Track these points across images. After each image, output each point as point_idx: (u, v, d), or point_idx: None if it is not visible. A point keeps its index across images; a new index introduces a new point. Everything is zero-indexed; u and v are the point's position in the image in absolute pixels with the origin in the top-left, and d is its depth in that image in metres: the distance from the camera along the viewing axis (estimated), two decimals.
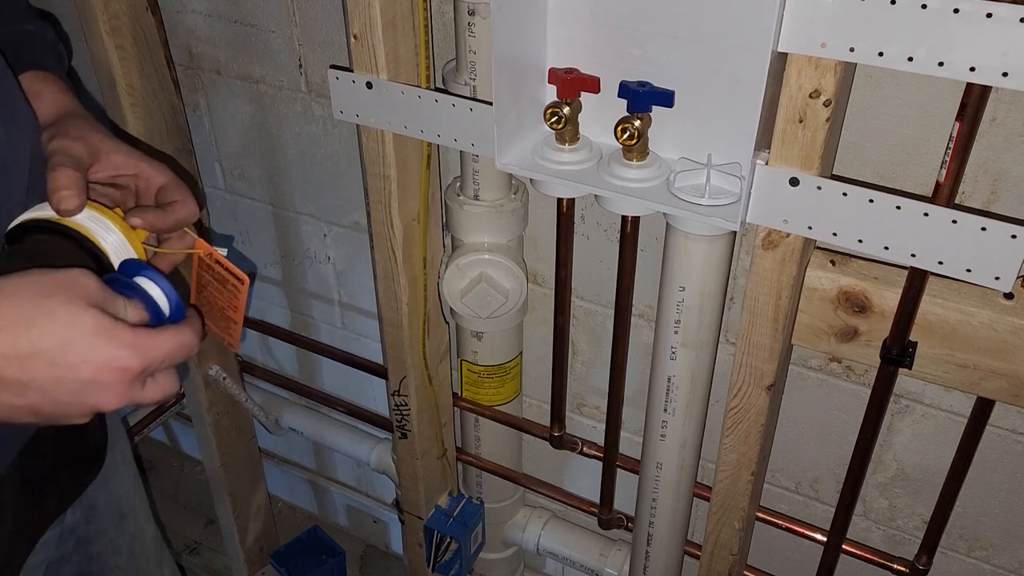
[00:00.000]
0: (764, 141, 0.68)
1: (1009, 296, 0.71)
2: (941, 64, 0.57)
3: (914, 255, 0.66)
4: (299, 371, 1.55)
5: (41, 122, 0.66)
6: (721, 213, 0.70)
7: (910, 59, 0.58)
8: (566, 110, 0.75)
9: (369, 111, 0.85)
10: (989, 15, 0.54)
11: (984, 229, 0.61)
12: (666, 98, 0.72)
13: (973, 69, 0.57)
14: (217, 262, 0.68)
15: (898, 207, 0.64)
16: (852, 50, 0.60)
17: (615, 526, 1.14)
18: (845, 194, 0.66)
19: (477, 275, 1.01)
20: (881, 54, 0.59)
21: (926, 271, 0.69)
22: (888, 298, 0.74)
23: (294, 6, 1.10)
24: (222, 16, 1.16)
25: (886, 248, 0.66)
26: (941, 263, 0.65)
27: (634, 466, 1.04)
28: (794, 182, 0.67)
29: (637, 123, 0.72)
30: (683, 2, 0.68)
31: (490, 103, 0.74)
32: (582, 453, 1.12)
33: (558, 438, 1.11)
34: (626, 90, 0.72)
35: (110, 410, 0.52)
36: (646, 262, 0.98)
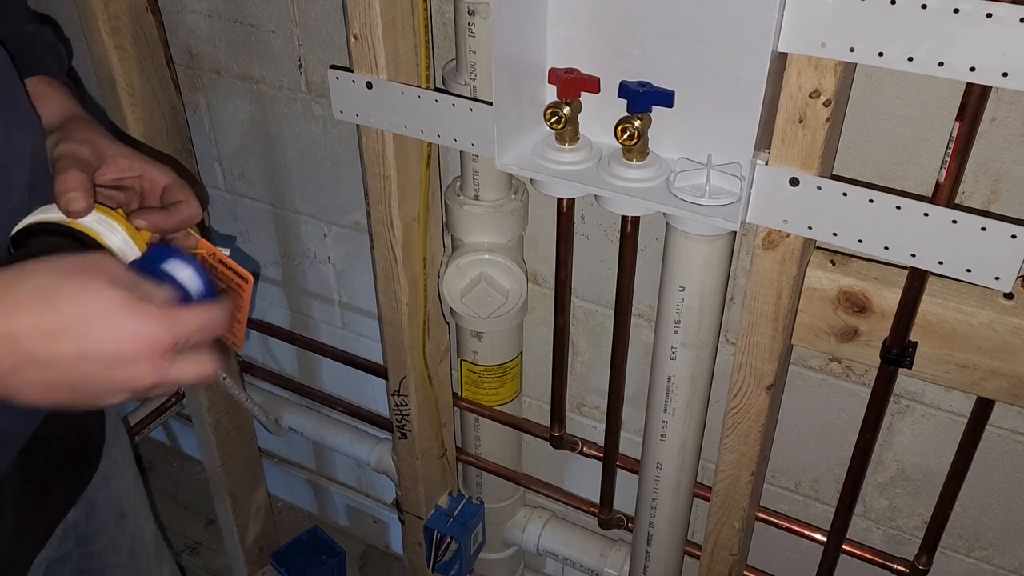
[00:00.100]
0: (764, 141, 0.68)
1: (1009, 296, 0.71)
2: (941, 64, 0.57)
3: (914, 255, 0.66)
4: (299, 371, 1.55)
5: (45, 126, 0.66)
6: (721, 213, 0.70)
7: (910, 59, 0.58)
8: (566, 110, 0.75)
9: (369, 111, 0.85)
10: (989, 15, 0.54)
11: (984, 229, 0.61)
12: (666, 98, 0.72)
13: (973, 69, 0.57)
14: (221, 262, 0.68)
15: (898, 207, 0.64)
16: (852, 50, 0.60)
17: (615, 526, 1.14)
18: (845, 194, 0.66)
19: (477, 275, 1.01)
20: (881, 54, 0.59)
21: (926, 271, 0.69)
22: (888, 298, 0.74)
23: (294, 6, 1.10)
24: (222, 16, 1.16)
25: (886, 248, 0.66)
26: (941, 263, 0.65)
27: (634, 466, 1.04)
28: (794, 182, 0.67)
29: (637, 123, 0.72)
30: (683, 2, 0.68)
31: (490, 103, 0.74)
32: (582, 453, 1.12)
33: (558, 438, 1.11)
34: (626, 90, 0.72)
35: (145, 386, 0.51)
36: (646, 262, 0.98)
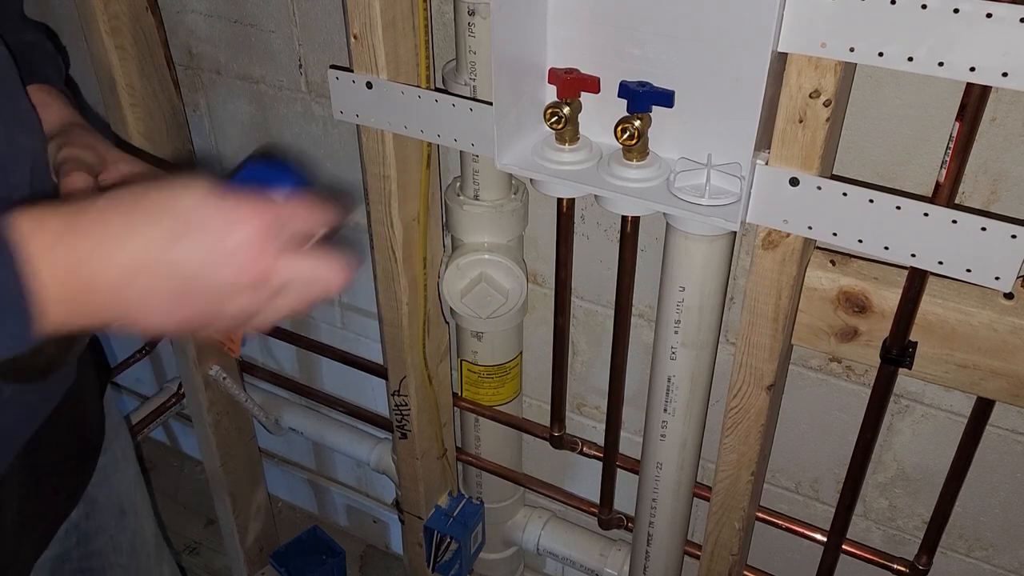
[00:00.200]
0: (764, 141, 0.68)
1: (1009, 296, 0.71)
2: (941, 64, 0.57)
3: (914, 255, 0.66)
4: (299, 371, 1.55)
5: (46, 132, 0.68)
6: (721, 213, 0.70)
7: (910, 59, 0.58)
8: (566, 110, 0.75)
9: (369, 111, 0.85)
10: (989, 15, 0.54)
11: (984, 229, 0.61)
12: (666, 98, 0.72)
13: (973, 69, 0.57)
14: None
15: (898, 207, 0.64)
16: (852, 50, 0.60)
17: (615, 526, 1.14)
18: (845, 194, 0.66)
19: (477, 275, 1.01)
20: (881, 54, 0.59)
21: (926, 271, 0.69)
22: (888, 298, 0.74)
23: (294, 6, 1.10)
24: (222, 16, 1.16)
25: (886, 248, 0.66)
26: (941, 263, 0.65)
27: (634, 466, 1.04)
28: (794, 182, 0.67)
29: (637, 123, 0.72)
30: (683, 2, 0.68)
31: (490, 103, 0.74)
32: (582, 453, 1.12)
33: (558, 438, 1.11)
34: (626, 90, 0.72)
35: (261, 274, 0.48)
36: (646, 262, 0.98)
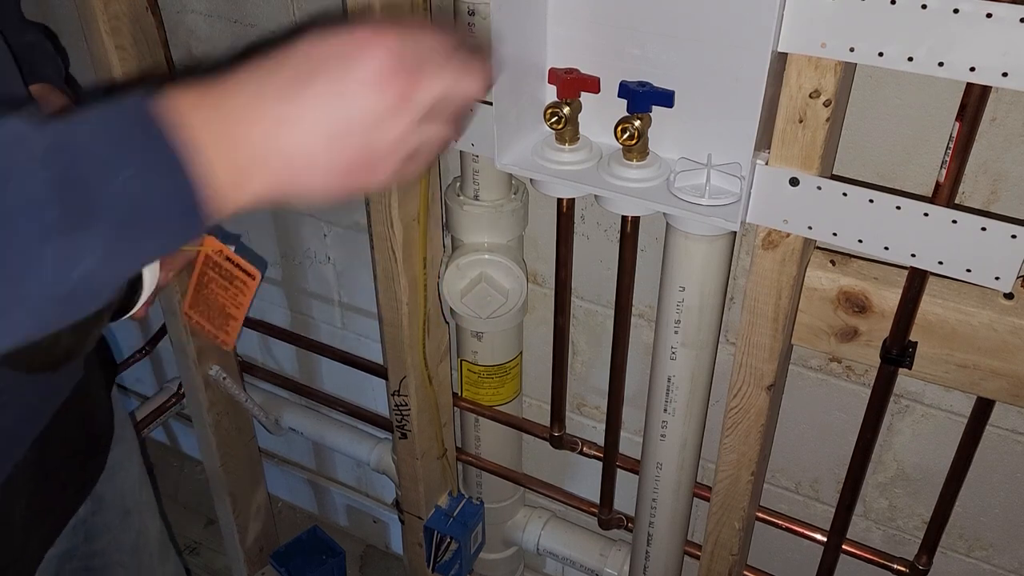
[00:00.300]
0: (764, 141, 0.68)
1: (1009, 296, 0.71)
2: (941, 64, 0.57)
3: (914, 255, 0.66)
4: (299, 371, 1.55)
5: None
6: (721, 213, 0.70)
7: (910, 59, 0.58)
8: (566, 110, 0.75)
9: None
10: (989, 15, 0.54)
11: (984, 229, 0.61)
12: (666, 98, 0.72)
13: (973, 69, 0.57)
14: (227, 259, 0.68)
15: (898, 207, 0.64)
16: (852, 50, 0.60)
17: (615, 526, 1.14)
18: (845, 194, 0.66)
19: (477, 275, 1.01)
20: (881, 54, 0.59)
21: (926, 271, 0.69)
22: (888, 298, 0.74)
23: (294, 6, 1.10)
24: (222, 16, 1.16)
25: (886, 248, 0.66)
26: (941, 263, 0.65)
27: (634, 466, 1.04)
28: (794, 182, 0.67)
29: (637, 123, 0.72)
30: (683, 2, 0.68)
31: (490, 103, 0.74)
32: (582, 453, 1.12)
33: (558, 438, 1.11)
34: (626, 90, 0.72)
35: (405, 91, 0.47)
36: (646, 262, 0.98)
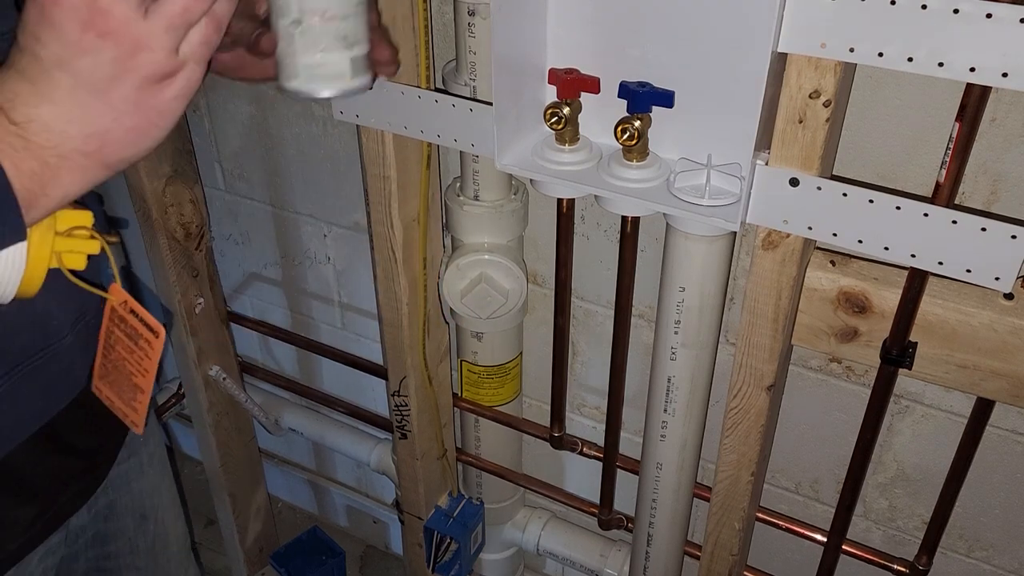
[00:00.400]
0: (764, 141, 0.68)
1: (1009, 296, 0.71)
2: (941, 64, 0.57)
3: (914, 255, 0.65)
4: (299, 371, 1.55)
5: None
6: (721, 213, 0.70)
7: (910, 59, 0.58)
8: (566, 110, 0.75)
9: (369, 111, 0.85)
10: (989, 15, 0.54)
11: (984, 229, 0.61)
12: (666, 98, 0.72)
13: (973, 69, 0.57)
14: (131, 311, 0.57)
15: (898, 207, 0.64)
16: (852, 50, 0.60)
17: (615, 526, 1.14)
18: (845, 194, 0.66)
19: (477, 275, 1.01)
20: (881, 55, 0.59)
21: (926, 271, 0.69)
22: (888, 298, 0.74)
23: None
24: None
25: (886, 248, 0.66)
26: (941, 263, 0.65)
27: (634, 466, 1.04)
28: (794, 182, 0.67)
29: (637, 123, 0.72)
30: (683, 2, 0.68)
31: (490, 103, 0.74)
32: (582, 453, 1.12)
33: (558, 438, 1.11)
34: (626, 90, 0.72)
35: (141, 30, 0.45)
36: (646, 262, 0.98)
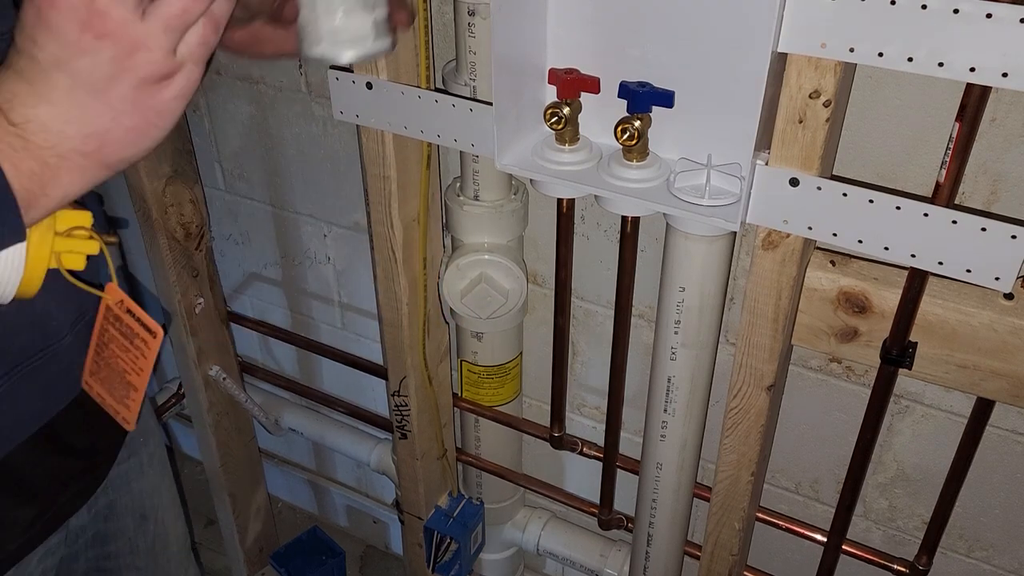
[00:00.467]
0: (764, 141, 0.68)
1: (1009, 296, 0.71)
2: (941, 65, 0.57)
3: (914, 255, 0.65)
4: (299, 371, 1.55)
5: None
6: (721, 213, 0.70)
7: (910, 59, 0.58)
8: (566, 110, 0.75)
9: (369, 111, 0.85)
10: (989, 15, 0.54)
11: (984, 229, 0.61)
12: (666, 98, 0.72)
13: (973, 69, 0.57)
14: (128, 311, 0.58)
15: (898, 207, 0.64)
16: (852, 50, 0.60)
17: (615, 526, 1.14)
18: (845, 194, 0.66)
19: (477, 275, 1.01)
20: (881, 55, 0.59)
21: (926, 271, 0.69)
22: (888, 298, 0.74)
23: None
24: None
25: (886, 248, 0.66)
26: (941, 263, 0.65)
27: (634, 466, 1.04)
28: (794, 182, 0.67)
29: (637, 123, 0.72)
30: (683, 2, 0.68)
31: (490, 103, 0.74)
32: (582, 453, 1.12)
33: (558, 438, 1.11)
34: (626, 90, 0.72)
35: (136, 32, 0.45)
36: (646, 262, 0.98)
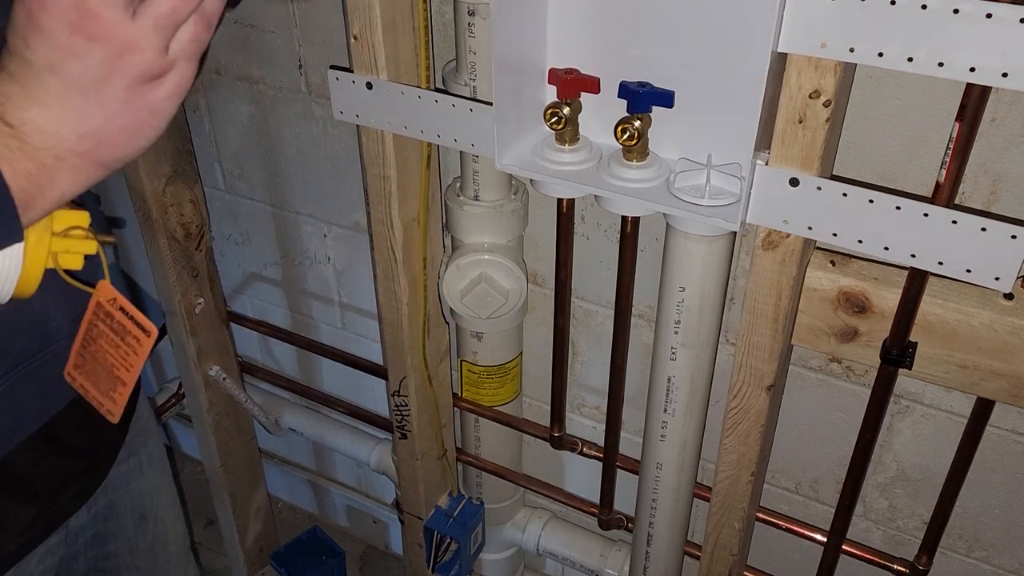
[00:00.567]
0: (764, 141, 0.68)
1: (1009, 296, 0.71)
2: (941, 65, 0.57)
3: (914, 255, 0.65)
4: (299, 371, 1.55)
5: None
6: (721, 213, 0.70)
7: (910, 59, 0.58)
8: (566, 110, 0.75)
9: (369, 111, 0.85)
10: (989, 15, 0.54)
11: (984, 229, 0.61)
12: (666, 98, 0.72)
13: (973, 69, 0.57)
14: (121, 309, 0.58)
15: (898, 207, 0.64)
16: (852, 50, 0.60)
17: (615, 526, 1.14)
18: (845, 194, 0.66)
19: (477, 275, 1.01)
20: (881, 55, 0.59)
21: (926, 271, 0.69)
22: (888, 298, 0.74)
23: (294, 7, 1.10)
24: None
25: (886, 248, 0.66)
26: (941, 263, 0.65)
27: (634, 466, 1.04)
28: (794, 182, 0.67)
29: (637, 123, 0.72)
30: (683, 2, 0.68)
31: (490, 103, 0.74)
32: (582, 453, 1.12)
33: (558, 438, 1.11)
34: (626, 90, 0.72)
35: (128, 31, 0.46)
36: (646, 262, 0.98)
